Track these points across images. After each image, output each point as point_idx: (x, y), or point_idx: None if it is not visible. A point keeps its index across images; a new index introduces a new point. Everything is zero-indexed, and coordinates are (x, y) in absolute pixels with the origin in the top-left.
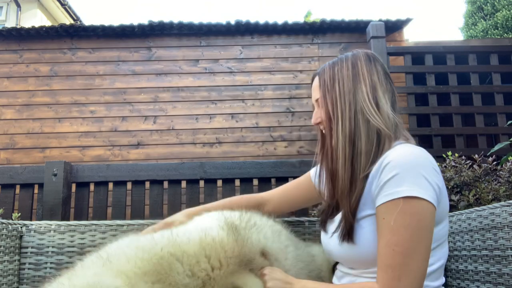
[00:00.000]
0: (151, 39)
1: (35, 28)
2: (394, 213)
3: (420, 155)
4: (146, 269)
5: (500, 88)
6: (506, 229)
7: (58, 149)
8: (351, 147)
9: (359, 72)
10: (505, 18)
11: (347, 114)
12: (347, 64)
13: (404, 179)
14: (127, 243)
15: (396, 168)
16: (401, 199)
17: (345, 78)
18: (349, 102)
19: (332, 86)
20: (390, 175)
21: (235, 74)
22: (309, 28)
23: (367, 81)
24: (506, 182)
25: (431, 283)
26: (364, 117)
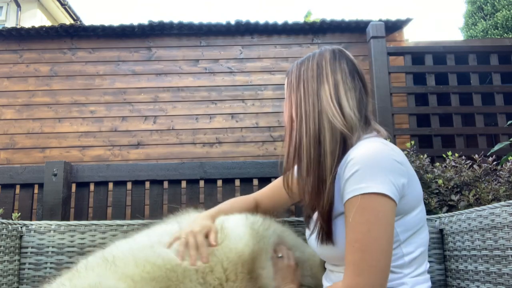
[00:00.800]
0: (151, 39)
1: (35, 28)
2: (353, 210)
3: (379, 150)
4: (156, 274)
5: (500, 88)
6: (506, 229)
7: (58, 149)
8: (316, 148)
9: (323, 72)
10: (505, 18)
11: (311, 114)
12: (312, 64)
13: (363, 176)
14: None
15: (356, 165)
16: (359, 196)
17: (309, 79)
18: (313, 103)
19: (297, 87)
20: (351, 172)
21: (235, 74)
22: (309, 28)
23: (330, 81)
24: (506, 182)
25: (416, 270)
26: (327, 118)
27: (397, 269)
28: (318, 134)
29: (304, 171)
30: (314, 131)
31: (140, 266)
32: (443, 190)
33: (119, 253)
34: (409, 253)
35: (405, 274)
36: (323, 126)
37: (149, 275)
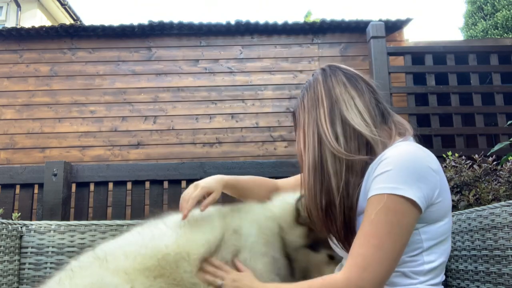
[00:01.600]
0: (151, 39)
1: (35, 28)
2: (378, 207)
3: (416, 155)
4: (148, 264)
5: (500, 88)
6: (506, 229)
7: (58, 149)
8: (318, 175)
9: (318, 97)
10: (505, 18)
11: (311, 144)
12: (310, 93)
13: (395, 176)
14: (129, 241)
15: (390, 164)
16: (387, 195)
17: (309, 109)
18: (313, 132)
19: (302, 122)
20: (382, 170)
21: (235, 74)
22: (309, 28)
23: (325, 103)
24: (506, 182)
25: (432, 280)
26: (324, 143)
27: (414, 275)
28: (320, 161)
29: (316, 199)
30: (313, 159)
31: (131, 258)
32: None
33: (110, 250)
34: (430, 262)
35: (421, 281)
36: (324, 151)
37: (141, 265)
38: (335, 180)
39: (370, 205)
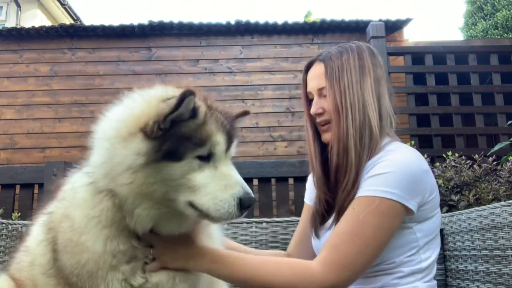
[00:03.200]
0: (151, 39)
1: (35, 28)
2: (368, 209)
3: (413, 160)
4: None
5: (500, 88)
6: (506, 229)
7: (58, 149)
8: (361, 139)
9: (365, 64)
10: (505, 18)
11: (356, 106)
12: (354, 55)
13: (390, 181)
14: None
15: (388, 167)
16: (378, 198)
17: (352, 69)
18: (357, 94)
19: (341, 76)
20: (379, 171)
21: (235, 74)
22: (309, 28)
23: (372, 74)
24: (506, 182)
25: (428, 276)
26: (368, 112)
27: (413, 273)
28: (363, 126)
29: (349, 162)
30: (360, 122)
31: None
32: (443, 190)
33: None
34: (427, 258)
35: (418, 278)
36: (367, 118)
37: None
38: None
39: (359, 205)
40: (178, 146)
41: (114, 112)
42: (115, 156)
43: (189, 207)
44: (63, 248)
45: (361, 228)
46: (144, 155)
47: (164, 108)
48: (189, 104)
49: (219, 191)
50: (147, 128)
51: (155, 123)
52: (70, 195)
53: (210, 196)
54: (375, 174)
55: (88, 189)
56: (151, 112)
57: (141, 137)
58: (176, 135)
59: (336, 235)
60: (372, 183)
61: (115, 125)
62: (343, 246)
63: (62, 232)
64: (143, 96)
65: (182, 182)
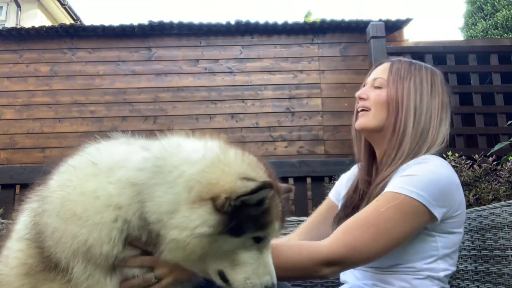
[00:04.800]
0: (151, 39)
1: (35, 28)
2: (391, 203)
3: (448, 172)
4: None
5: (500, 88)
6: (506, 229)
7: (58, 149)
8: (417, 144)
9: (436, 83)
10: (505, 18)
11: (423, 112)
12: (426, 72)
13: (420, 182)
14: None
15: (421, 171)
16: (403, 196)
17: (423, 80)
18: (426, 104)
19: (406, 78)
20: (411, 173)
21: (235, 74)
22: (309, 28)
23: (441, 95)
24: (506, 182)
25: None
26: (431, 121)
27: (434, 280)
28: (422, 133)
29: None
30: (422, 129)
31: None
32: None
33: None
34: (444, 270)
35: (435, 284)
36: (428, 129)
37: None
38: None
39: (384, 199)
40: (241, 225)
41: (185, 158)
42: (176, 210)
43: (217, 275)
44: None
45: (379, 219)
46: (210, 227)
47: (240, 188)
48: (264, 195)
49: (254, 275)
50: (219, 201)
51: (227, 199)
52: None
53: (245, 276)
54: (407, 174)
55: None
56: (226, 186)
57: (210, 207)
58: (242, 214)
59: (353, 220)
60: (402, 181)
61: (184, 180)
62: (357, 231)
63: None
64: (221, 159)
65: (228, 254)
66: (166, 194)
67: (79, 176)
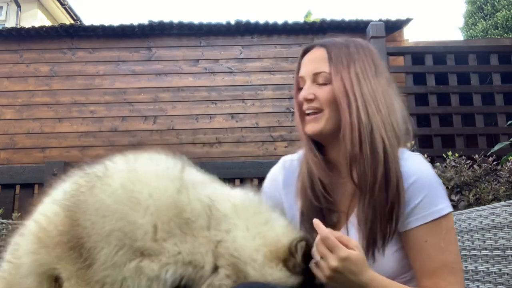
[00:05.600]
0: (151, 39)
1: (35, 28)
2: (441, 233)
3: (431, 168)
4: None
5: (500, 88)
6: (506, 229)
7: (58, 149)
8: (381, 133)
9: (377, 61)
10: (505, 18)
11: (376, 98)
12: (364, 50)
13: (435, 197)
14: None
15: (424, 187)
16: (442, 218)
17: (365, 62)
18: (375, 87)
19: (350, 65)
20: (420, 197)
21: (235, 74)
22: (309, 28)
23: (384, 73)
24: (506, 182)
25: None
26: (388, 109)
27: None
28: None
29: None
30: (380, 115)
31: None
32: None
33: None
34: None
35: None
36: (390, 116)
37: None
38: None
39: (429, 234)
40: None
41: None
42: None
43: None
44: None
45: (450, 253)
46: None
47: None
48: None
49: None
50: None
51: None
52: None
53: None
54: (418, 201)
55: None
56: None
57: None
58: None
59: (437, 275)
60: (422, 209)
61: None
62: (452, 278)
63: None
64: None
65: None
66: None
67: (150, 166)
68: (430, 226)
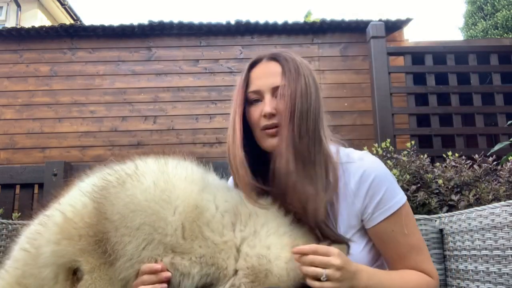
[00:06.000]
0: (151, 39)
1: (35, 28)
2: (402, 220)
3: (382, 162)
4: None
5: (500, 88)
6: (506, 229)
7: (58, 149)
8: (313, 149)
9: (315, 78)
10: (505, 18)
11: (314, 113)
12: (305, 64)
13: (393, 190)
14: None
15: (384, 183)
16: (402, 208)
17: (309, 76)
18: (315, 102)
19: (298, 80)
20: (382, 192)
21: (235, 74)
22: (309, 28)
23: (318, 88)
24: (506, 182)
25: None
26: (320, 119)
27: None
28: (319, 137)
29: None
30: (317, 132)
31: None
32: (443, 190)
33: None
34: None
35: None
36: (322, 128)
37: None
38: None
39: (394, 224)
40: None
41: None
42: None
43: None
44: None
45: (413, 236)
46: None
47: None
48: None
49: None
50: None
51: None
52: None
53: None
54: (381, 197)
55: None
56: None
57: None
58: None
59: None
60: (384, 202)
61: None
62: (423, 258)
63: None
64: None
65: None
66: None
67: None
68: (394, 217)
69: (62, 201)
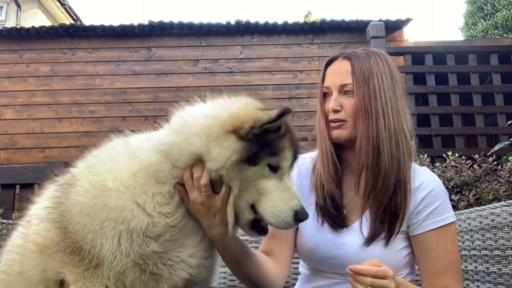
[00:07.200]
0: (151, 39)
1: (35, 28)
2: (449, 236)
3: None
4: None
5: (500, 88)
6: (506, 229)
7: (58, 149)
8: (397, 143)
9: (393, 72)
10: (505, 18)
11: (390, 110)
12: (381, 60)
13: (447, 206)
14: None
15: (440, 196)
16: (451, 224)
17: (383, 74)
18: (390, 99)
19: (371, 78)
20: (437, 203)
21: (235, 74)
22: (309, 28)
23: (399, 83)
24: (506, 182)
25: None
26: (400, 116)
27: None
28: (398, 131)
29: (382, 166)
30: (395, 127)
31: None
32: None
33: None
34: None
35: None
36: (401, 125)
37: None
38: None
39: (440, 236)
40: (258, 152)
41: (203, 109)
42: (208, 152)
43: (250, 209)
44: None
45: (454, 255)
46: (238, 153)
47: (262, 116)
48: (284, 120)
49: (280, 202)
50: (242, 130)
51: (251, 128)
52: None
53: (271, 204)
54: (435, 206)
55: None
56: (247, 117)
57: (234, 137)
58: (260, 142)
59: (445, 272)
60: (437, 213)
61: (208, 121)
62: (456, 276)
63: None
64: (238, 100)
65: (253, 184)
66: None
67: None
68: (442, 230)
69: (28, 232)
